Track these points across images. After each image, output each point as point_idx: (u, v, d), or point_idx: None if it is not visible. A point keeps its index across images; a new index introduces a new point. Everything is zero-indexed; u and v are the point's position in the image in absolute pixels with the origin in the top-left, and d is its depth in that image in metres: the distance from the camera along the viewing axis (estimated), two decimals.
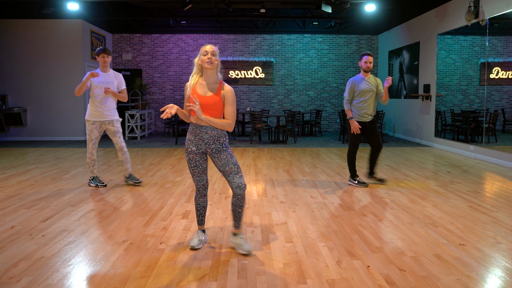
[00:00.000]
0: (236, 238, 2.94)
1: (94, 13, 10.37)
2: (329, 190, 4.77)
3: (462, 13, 7.57)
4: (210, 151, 2.83)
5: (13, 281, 2.43)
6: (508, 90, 6.62)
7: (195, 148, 2.84)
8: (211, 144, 2.81)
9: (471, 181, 5.25)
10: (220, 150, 2.82)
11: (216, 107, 2.78)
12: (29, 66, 10.06)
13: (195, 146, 2.83)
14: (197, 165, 2.86)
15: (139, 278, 2.47)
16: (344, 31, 12.26)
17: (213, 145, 2.81)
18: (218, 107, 2.79)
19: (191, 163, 2.86)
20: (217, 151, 2.82)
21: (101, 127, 4.84)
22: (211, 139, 2.80)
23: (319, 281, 2.44)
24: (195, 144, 2.83)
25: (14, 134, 10.16)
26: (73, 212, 3.87)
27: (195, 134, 2.82)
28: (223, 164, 2.81)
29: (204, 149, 2.84)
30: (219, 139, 2.82)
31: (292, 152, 7.97)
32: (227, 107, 2.81)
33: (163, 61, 12.21)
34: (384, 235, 3.23)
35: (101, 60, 4.77)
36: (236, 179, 2.79)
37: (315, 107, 12.41)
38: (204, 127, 2.79)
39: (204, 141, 2.81)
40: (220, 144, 2.82)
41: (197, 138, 2.82)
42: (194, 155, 2.85)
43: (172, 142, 9.63)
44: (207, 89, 2.81)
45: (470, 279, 2.47)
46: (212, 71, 2.80)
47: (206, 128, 2.79)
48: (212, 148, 2.82)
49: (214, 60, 2.76)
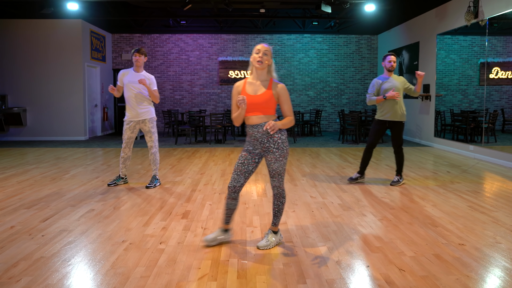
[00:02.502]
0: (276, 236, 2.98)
1: (93, 13, 10.37)
2: (329, 190, 4.77)
3: (461, 13, 7.58)
4: (265, 150, 2.81)
5: (12, 281, 2.43)
6: (508, 90, 6.62)
7: (252, 147, 2.83)
8: (265, 143, 2.79)
9: (471, 181, 5.25)
10: (270, 150, 2.78)
11: (268, 105, 2.74)
12: (28, 66, 10.06)
13: (252, 146, 2.84)
14: (244, 163, 2.83)
15: (139, 278, 2.47)
16: (343, 31, 12.26)
17: (267, 144, 2.79)
18: (270, 104, 2.75)
19: (240, 159, 2.85)
20: (267, 150, 2.80)
21: (136, 127, 4.89)
22: (264, 137, 2.77)
23: (319, 281, 2.44)
24: (252, 144, 2.84)
25: (13, 134, 10.16)
26: (73, 212, 3.87)
27: (250, 135, 2.82)
28: (267, 165, 2.85)
29: (260, 150, 2.82)
30: (272, 136, 2.76)
31: (291, 152, 7.98)
32: (284, 105, 2.79)
33: (162, 61, 12.21)
34: (384, 235, 3.23)
35: (133, 59, 4.81)
36: (272, 182, 2.86)
37: (315, 107, 12.41)
38: (256, 126, 2.76)
39: (258, 140, 2.79)
40: (274, 142, 2.77)
41: (252, 139, 2.81)
42: (247, 153, 2.83)
43: (172, 142, 9.63)
44: (257, 87, 2.78)
45: (469, 279, 2.47)
46: (262, 71, 2.77)
47: (258, 127, 2.76)
48: (266, 147, 2.80)
49: (265, 59, 2.73)
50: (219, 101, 12.36)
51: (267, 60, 2.74)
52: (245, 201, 4.26)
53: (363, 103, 12.50)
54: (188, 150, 8.31)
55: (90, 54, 10.53)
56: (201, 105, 12.36)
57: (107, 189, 4.83)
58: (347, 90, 12.50)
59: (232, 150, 8.24)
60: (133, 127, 4.87)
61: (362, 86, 12.50)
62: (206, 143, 9.39)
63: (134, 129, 4.89)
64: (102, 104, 11.43)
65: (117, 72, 11.81)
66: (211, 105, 12.36)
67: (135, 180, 5.35)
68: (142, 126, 4.91)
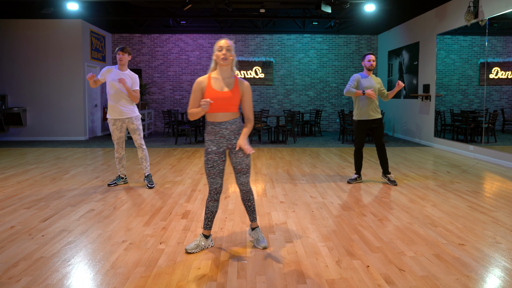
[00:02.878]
0: (254, 233, 3.00)
1: (93, 13, 10.36)
2: (329, 190, 4.77)
3: (461, 13, 7.58)
4: (231, 147, 2.82)
5: (12, 281, 2.43)
6: (508, 90, 6.62)
7: (216, 147, 2.81)
8: (232, 140, 2.80)
9: (471, 181, 5.25)
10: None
11: (233, 102, 2.76)
12: (28, 66, 10.06)
13: (216, 145, 2.81)
14: (214, 166, 2.82)
15: (138, 278, 2.47)
16: (343, 31, 12.26)
17: (234, 140, 2.80)
18: (235, 101, 2.77)
19: (208, 164, 2.82)
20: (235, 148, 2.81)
21: (123, 126, 4.87)
22: (231, 134, 2.79)
23: (319, 281, 2.44)
24: (216, 143, 2.80)
25: (13, 134, 10.16)
26: (73, 212, 3.87)
27: (215, 133, 2.79)
28: (237, 162, 2.82)
29: (225, 147, 2.82)
30: (239, 133, 2.81)
31: (291, 152, 7.98)
32: (246, 103, 2.81)
33: (162, 61, 12.21)
34: (383, 235, 3.23)
35: (117, 57, 4.80)
36: (242, 179, 2.86)
37: (315, 107, 12.41)
38: (223, 123, 2.76)
39: (225, 137, 2.79)
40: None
41: (218, 137, 2.79)
42: (213, 155, 2.81)
43: (171, 142, 9.63)
44: (223, 84, 2.77)
45: (469, 279, 2.47)
46: (227, 67, 2.77)
47: (226, 124, 2.76)
48: (234, 144, 2.81)
49: (229, 56, 2.73)
50: None
51: (231, 56, 2.74)
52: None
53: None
54: (188, 150, 8.31)
55: (90, 54, 10.53)
56: None
57: (107, 189, 4.83)
58: None
59: None
60: (120, 127, 4.84)
61: None
62: None
63: (122, 128, 4.86)
64: (102, 104, 11.43)
65: None
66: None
67: (135, 180, 5.35)
68: (128, 125, 4.88)
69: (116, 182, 5.02)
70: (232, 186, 4.97)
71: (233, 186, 5.00)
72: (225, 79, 2.78)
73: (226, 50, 2.71)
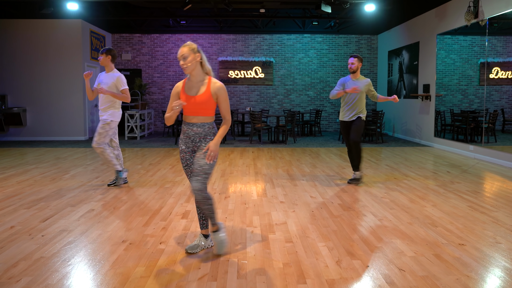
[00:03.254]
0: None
1: (93, 13, 10.36)
2: (329, 190, 4.77)
3: (461, 13, 7.58)
4: (196, 149, 2.78)
5: (12, 281, 2.42)
6: (508, 90, 6.62)
7: (184, 146, 2.80)
8: (197, 142, 2.76)
9: (471, 181, 5.25)
10: (202, 149, 2.74)
11: (207, 105, 2.71)
12: (28, 66, 10.06)
13: (184, 144, 2.80)
14: (188, 164, 2.82)
15: (138, 278, 2.47)
16: (343, 31, 12.26)
17: (199, 143, 2.76)
18: (209, 105, 2.72)
19: (182, 162, 2.84)
20: (200, 150, 2.75)
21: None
22: (196, 136, 2.75)
23: (319, 281, 2.44)
24: (184, 142, 2.80)
25: (13, 134, 10.16)
26: (73, 212, 3.87)
27: (183, 132, 2.80)
28: (193, 162, 2.76)
29: (192, 147, 2.79)
30: (205, 138, 2.76)
31: (291, 152, 7.98)
32: (222, 104, 2.76)
33: (162, 61, 12.21)
34: (383, 235, 3.23)
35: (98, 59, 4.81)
36: (193, 182, 2.67)
37: (315, 107, 12.41)
38: (191, 124, 2.74)
39: (190, 138, 2.76)
40: (206, 142, 2.75)
41: (185, 136, 2.79)
42: (184, 154, 2.82)
43: (171, 142, 9.63)
44: (194, 88, 2.74)
45: (469, 279, 2.47)
46: (195, 71, 2.73)
47: (193, 125, 2.74)
48: (199, 147, 2.77)
49: (187, 63, 2.66)
50: None
51: (189, 62, 2.67)
52: (245, 201, 4.26)
53: None
54: None
55: (90, 54, 10.52)
56: None
57: (107, 189, 4.83)
58: None
59: (232, 150, 8.24)
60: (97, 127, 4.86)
61: None
62: None
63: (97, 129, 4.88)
64: None
65: None
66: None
67: (135, 180, 5.35)
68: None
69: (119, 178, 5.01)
70: (232, 187, 4.97)
71: (233, 186, 5.00)
72: (197, 82, 2.75)
73: (182, 59, 2.67)
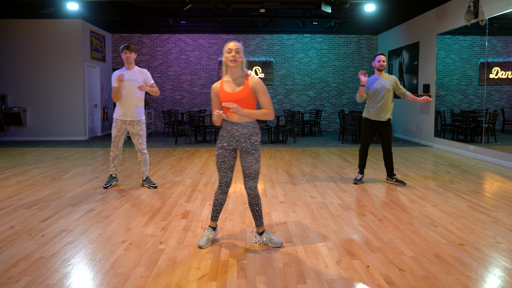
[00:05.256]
0: (264, 236, 3.01)
1: (93, 13, 10.36)
2: (329, 190, 4.77)
3: (461, 13, 7.58)
4: (240, 149, 2.87)
5: (12, 281, 2.42)
6: (508, 90, 6.62)
7: (226, 144, 2.87)
8: (241, 142, 2.85)
9: (471, 181, 5.25)
10: (249, 152, 2.85)
11: (247, 101, 2.79)
12: (28, 66, 10.06)
13: (226, 142, 2.87)
14: (225, 161, 2.89)
15: (138, 278, 2.47)
16: (343, 31, 12.26)
17: (243, 144, 2.85)
18: (249, 101, 2.80)
19: (219, 158, 2.89)
20: (246, 151, 2.85)
21: (122, 127, 4.74)
22: (242, 136, 2.83)
23: (319, 281, 2.44)
24: (227, 140, 2.86)
25: (13, 134, 10.16)
26: (73, 212, 3.86)
27: (227, 131, 2.84)
28: (246, 167, 2.88)
29: (235, 146, 2.87)
30: (250, 138, 2.84)
31: (291, 152, 7.98)
32: (261, 98, 2.83)
33: (162, 61, 12.20)
34: (383, 235, 3.23)
35: (123, 56, 4.65)
36: (250, 183, 2.91)
37: (315, 107, 12.41)
38: (236, 124, 2.81)
39: (235, 138, 2.84)
40: (251, 143, 2.84)
41: (229, 135, 2.84)
42: (223, 151, 2.88)
43: (171, 142, 9.63)
44: (234, 85, 2.82)
45: (469, 279, 2.47)
46: (237, 69, 2.83)
47: (238, 126, 2.81)
48: (243, 147, 2.85)
49: (238, 58, 2.78)
50: None
51: (240, 58, 2.79)
52: (244, 201, 4.26)
53: (363, 103, 12.50)
54: (188, 150, 8.31)
55: (90, 54, 10.52)
56: (201, 105, 12.36)
57: (107, 189, 4.83)
58: (347, 90, 12.50)
59: None
60: (120, 127, 4.72)
61: None
62: (206, 143, 9.39)
63: (121, 129, 4.73)
64: (102, 104, 11.43)
65: None
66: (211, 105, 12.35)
67: (135, 180, 5.35)
68: (129, 128, 4.75)
69: (111, 183, 4.92)
70: (232, 187, 4.97)
71: (233, 186, 5.00)
72: (236, 80, 2.84)
73: (235, 52, 2.77)
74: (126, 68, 4.73)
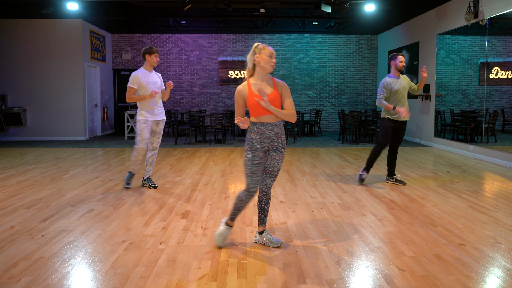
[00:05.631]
0: (264, 235, 3.03)
1: (93, 13, 10.37)
2: (329, 190, 4.77)
3: (461, 13, 7.58)
4: (272, 148, 2.90)
5: (12, 281, 2.42)
6: (508, 90, 6.62)
7: (260, 145, 2.87)
8: (275, 142, 2.89)
9: (471, 181, 5.25)
10: (279, 150, 2.91)
11: (276, 102, 2.85)
12: (28, 66, 10.06)
13: (260, 144, 2.87)
14: (260, 163, 2.87)
15: (138, 278, 2.47)
16: (343, 31, 12.26)
17: (276, 143, 2.89)
18: (277, 102, 2.86)
19: (256, 160, 2.84)
20: (277, 149, 2.90)
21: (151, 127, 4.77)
22: (276, 136, 2.87)
23: (319, 281, 2.44)
24: (260, 142, 2.86)
25: (13, 134, 10.16)
26: (73, 212, 3.87)
27: (260, 133, 2.85)
28: (272, 164, 2.91)
29: (268, 146, 2.89)
30: (281, 136, 2.91)
31: (291, 152, 7.98)
32: (287, 100, 2.90)
33: (162, 61, 12.20)
34: (383, 235, 3.23)
35: (155, 59, 4.68)
36: (269, 181, 2.96)
37: (315, 107, 12.41)
38: (270, 124, 2.85)
39: (269, 138, 2.87)
40: (282, 142, 2.91)
41: (263, 136, 2.85)
42: (259, 152, 2.86)
43: (171, 142, 9.63)
44: (263, 87, 2.86)
45: (469, 279, 2.47)
46: (266, 72, 2.89)
47: (272, 125, 2.85)
48: (275, 146, 2.89)
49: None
50: (219, 101, 12.35)
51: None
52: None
53: (363, 103, 12.51)
54: (188, 150, 8.31)
55: (90, 54, 10.52)
56: (201, 105, 12.36)
57: (107, 189, 4.83)
58: (347, 90, 12.50)
59: (232, 150, 8.24)
60: (150, 127, 4.74)
61: (362, 86, 12.51)
62: (206, 143, 9.39)
63: (150, 129, 4.76)
64: (102, 104, 11.43)
65: (117, 72, 11.81)
66: (211, 105, 12.36)
67: (135, 180, 5.35)
68: (154, 127, 4.80)
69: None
70: (232, 186, 4.97)
71: (233, 186, 5.00)
72: (265, 83, 2.89)
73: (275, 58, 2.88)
74: (148, 71, 4.76)
